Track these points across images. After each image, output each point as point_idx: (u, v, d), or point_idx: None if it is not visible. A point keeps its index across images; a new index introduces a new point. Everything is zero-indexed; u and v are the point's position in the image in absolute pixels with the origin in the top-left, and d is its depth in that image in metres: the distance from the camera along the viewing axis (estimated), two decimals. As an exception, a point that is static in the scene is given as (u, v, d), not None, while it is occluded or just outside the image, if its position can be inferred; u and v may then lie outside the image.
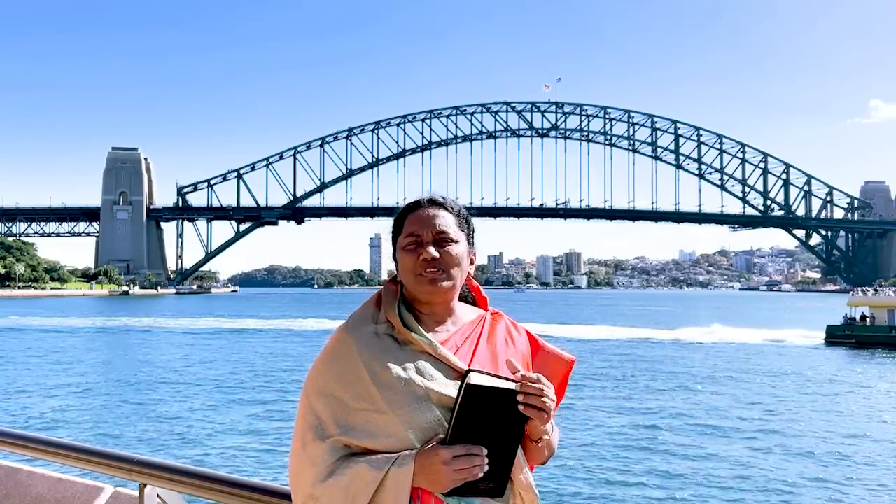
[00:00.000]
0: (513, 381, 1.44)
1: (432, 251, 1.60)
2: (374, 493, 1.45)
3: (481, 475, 1.42)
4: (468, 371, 1.42)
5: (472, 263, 1.70)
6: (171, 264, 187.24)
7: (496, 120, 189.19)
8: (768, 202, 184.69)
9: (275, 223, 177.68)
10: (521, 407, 1.42)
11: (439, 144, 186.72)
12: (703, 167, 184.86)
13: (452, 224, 1.65)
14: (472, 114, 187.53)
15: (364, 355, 1.55)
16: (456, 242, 1.63)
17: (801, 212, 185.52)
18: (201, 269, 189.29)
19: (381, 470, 1.45)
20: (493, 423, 1.42)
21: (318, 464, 1.50)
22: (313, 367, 1.61)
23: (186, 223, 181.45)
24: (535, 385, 1.42)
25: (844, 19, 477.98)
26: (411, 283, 1.62)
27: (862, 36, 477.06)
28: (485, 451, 1.42)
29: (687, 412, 18.61)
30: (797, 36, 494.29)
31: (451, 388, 1.50)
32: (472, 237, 1.71)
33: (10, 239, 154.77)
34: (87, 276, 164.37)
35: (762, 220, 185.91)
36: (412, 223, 1.64)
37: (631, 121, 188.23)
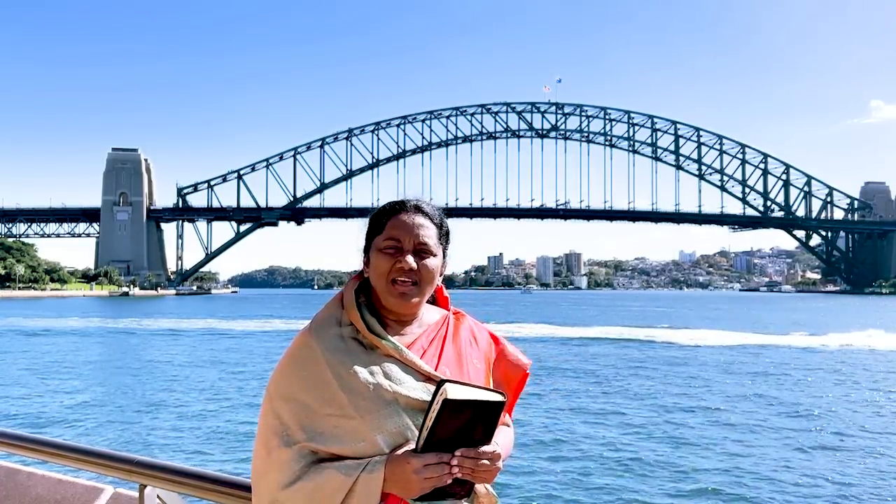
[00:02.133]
0: (483, 388, 1.46)
1: (411, 261, 1.58)
2: (344, 499, 1.43)
3: (451, 481, 1.43)
4: (443, 381, 1.41)
5: (441, 274, 1.68)
6: (172, 265, 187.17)
7: (496, 121, 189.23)
8: (768, 203, 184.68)
9: (275, 224, 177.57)
10: (460, 474, 1.43)
11: (439, 145, 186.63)
12: (703, 168, 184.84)
13: (434, 237, 1.63)
14: (471, 114, 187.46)
15: (330, 360, 1.52)
16: (434, 256, 1.62)
17: (801, 212, 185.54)
18: (201, 269, 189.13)
19: (350, 476, 1.43)
20: (463, 431, 1.42)
21: (284, 470, 1.48)
22: (276, 371, 1.58)
23: (186, 224, 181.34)
24: (473, 459, 1.43)
25: (846, 19, 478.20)
26: (382, 288, 1.59)
27: (863, 36, 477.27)
28: (455, 460, 1.42)
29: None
30: (798, 36, 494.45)
31: (419, 392, 1.50)
32: (447, 250, 1.70)
33: (11, 240, 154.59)
34: (88, 277, 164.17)
35: (762, 221, 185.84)
36: (395, 227, 1.61)
37: (631, 121, 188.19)
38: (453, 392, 1.39)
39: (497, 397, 1.44)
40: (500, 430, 1.60)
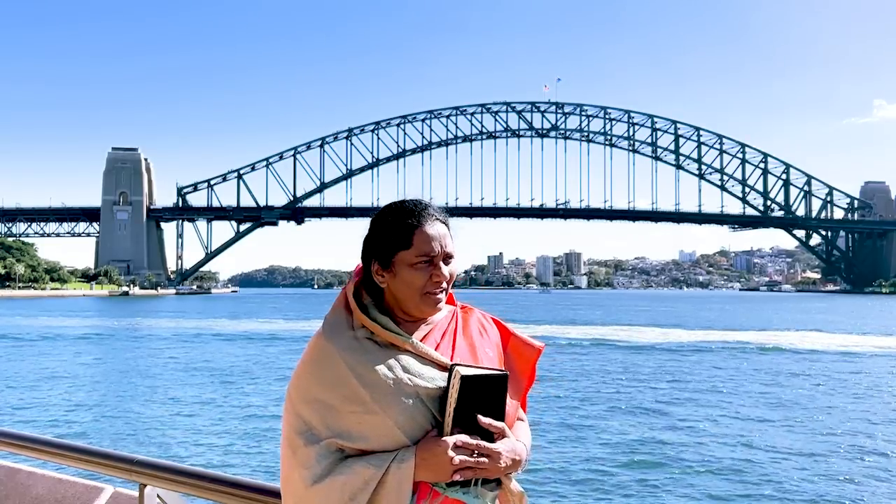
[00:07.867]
0: (492, 368, 1.56)
1: (446, 272, 1.62)
2: (375, 490, 1.45)
3: (483, 460, 1.49)
4: (453, 365, 1.51)
5: None
6: (171, 265, 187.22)
7: (496, 120, 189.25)
8: (768, 202, 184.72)
9: (275, 223, 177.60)
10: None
11: (439, 145, 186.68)
12: (703, 167, 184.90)
13: (452, 242, 1.66)
14: (472, 114, 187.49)
15: (348, 359, 1.54)
16: (454, 258, 1.66)
17: (801, 212, 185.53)
18: (201, 269, 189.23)
19: (380, 468, 1.46)
20: (481, 411, 1.50)
21: (312, 466, 1.49)
22: (296, 375, 1.60)
23: (186, 223, 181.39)
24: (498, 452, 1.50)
25: (848, 17, 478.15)
26: (415, 300, 1.61)
27: (866, 34, 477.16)
28: (479, 439, 1.48)
29: None
30: (799, 34, 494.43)
31: (438, 383, 1.53)
32: None
33: (11, 239, 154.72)
34: (88, 277, 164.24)
35: (762, 221, 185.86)
36: (425, 242, 1.61)
37: (631, 121, 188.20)
38: (465, 370, 1.49)
39: (502, 372, 1.56)
40: (518, 427, 1.67)
